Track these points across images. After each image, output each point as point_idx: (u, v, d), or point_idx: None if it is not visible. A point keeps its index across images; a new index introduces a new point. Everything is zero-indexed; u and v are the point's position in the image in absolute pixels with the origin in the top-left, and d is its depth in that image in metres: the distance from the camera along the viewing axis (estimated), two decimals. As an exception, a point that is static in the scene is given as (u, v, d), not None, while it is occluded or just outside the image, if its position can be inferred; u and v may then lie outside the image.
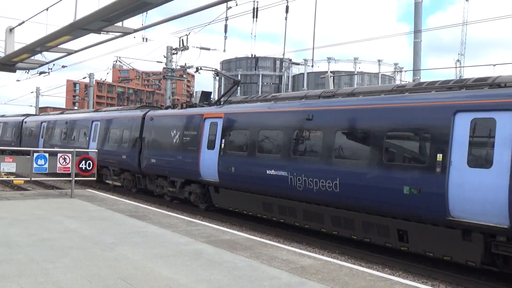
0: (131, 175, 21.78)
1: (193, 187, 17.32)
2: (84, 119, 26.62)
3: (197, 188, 17.14)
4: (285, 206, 13.61)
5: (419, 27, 22.02)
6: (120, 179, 22.71)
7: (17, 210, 12.30)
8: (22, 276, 6.56)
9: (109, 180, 24.05)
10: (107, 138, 23.31)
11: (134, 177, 21.68)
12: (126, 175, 22.14)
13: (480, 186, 8.85)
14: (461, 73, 75.48)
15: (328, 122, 12.28)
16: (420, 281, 9.64)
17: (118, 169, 22.66)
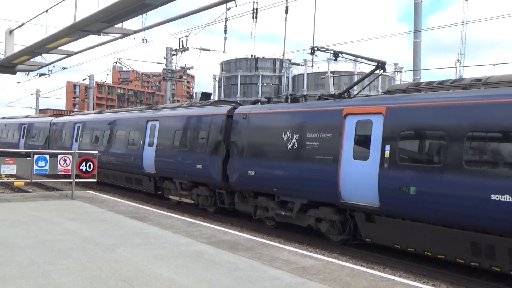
0: (209, 190, 17.19)
1: (324, 212, 12.55)
2: (135, 119, 22.04)
3: (332, 214, 12.40)
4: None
5: (419, 27, 22.04)
6: (192, 195, 17.80)
7: (18, 212, 12.30)
8: (23, 278, 6.56)
9: (174, 196, 18.81)
10: (170, 142, 18.82)
11: (213, 193, 17.08)
12: (202, 190, 17.35)
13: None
14: (460, 73, 75.49)
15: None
16: (421, 281, 9.63)
17: (188, 182, 17.93)
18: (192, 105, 20.01)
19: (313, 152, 12.61)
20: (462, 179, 9.48)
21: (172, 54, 34.77)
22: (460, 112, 9.85)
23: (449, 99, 10.28)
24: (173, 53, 34.66)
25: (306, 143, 12.83)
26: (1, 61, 16.34)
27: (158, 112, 21.05)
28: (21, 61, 16.34)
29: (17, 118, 40.32)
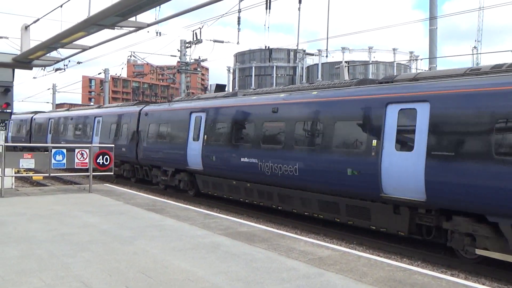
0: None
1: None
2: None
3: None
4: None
5: (435, 14, 21.72)
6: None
7: (37, 206, 12.46)
8: (43, 271, 6.65)
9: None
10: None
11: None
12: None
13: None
14: (478, 60, 74.48)
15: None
16: (439, 271, 9.57)
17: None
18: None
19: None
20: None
21: (186, 46, 34.82)
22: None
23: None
24: (187, 46, 34.70)
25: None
26: (17, 56, 16.48)
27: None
28: (37, 56, 16.45)
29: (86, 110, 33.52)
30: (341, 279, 6.64)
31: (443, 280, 6.81)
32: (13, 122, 41.55)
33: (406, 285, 6.46)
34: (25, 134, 39.29)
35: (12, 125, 41.61)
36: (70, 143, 27.89)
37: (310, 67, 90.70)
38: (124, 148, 23.55)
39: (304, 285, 6.30)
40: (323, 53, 74.92)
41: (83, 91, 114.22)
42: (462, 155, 9.63)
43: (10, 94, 16.98)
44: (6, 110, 17.11)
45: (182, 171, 19.27)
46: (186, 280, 6.39)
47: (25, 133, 39.43)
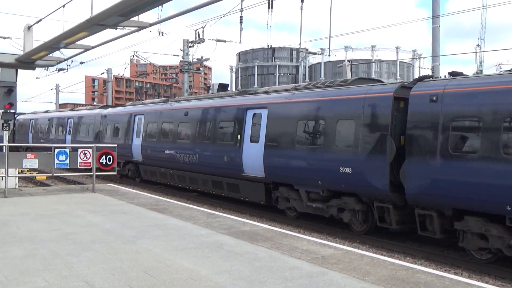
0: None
1: None
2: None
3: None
4: None
5: (438, 12, 21.67)
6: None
7: (40, 206, 12.49)
8: (47, 271, 6.67)
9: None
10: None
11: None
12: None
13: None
14: (481, 58, 74.26)
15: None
16: (442, 269, 9.56)
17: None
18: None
19: None
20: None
21: (189, 46, 34.86)
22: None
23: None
24: (190, 45, 34.74)
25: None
26: (20, 57, 16.52)
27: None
28: (40, 56, 16.49)
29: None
30: (344, 278, 6.63)
31: (446, 278, 6.80)
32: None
33: (409, 283, 6.45)
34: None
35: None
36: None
37: (313, 66, 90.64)
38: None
39: (307, 284, 6.30)
40: (326, 52, 74.89)
41: (86, 91, 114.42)
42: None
43: (13, 95, 17.03)
44: (9, 110, 17.16)
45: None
46: (189, 279, 6.39)
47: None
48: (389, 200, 11.43)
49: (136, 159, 23.07)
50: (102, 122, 27.22)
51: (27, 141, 37.86)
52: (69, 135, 31.24)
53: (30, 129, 38.90)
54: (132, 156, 23.27)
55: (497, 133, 9.37)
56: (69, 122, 31.79)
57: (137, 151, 22.77)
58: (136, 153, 22.93)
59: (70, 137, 30.90)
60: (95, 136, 27.40)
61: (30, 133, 38.63)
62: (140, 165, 23.14)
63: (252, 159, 15.58)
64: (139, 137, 22.74)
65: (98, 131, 27.39)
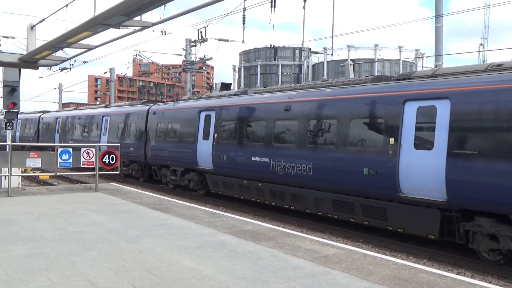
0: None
1: None
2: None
3: None
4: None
5: (441, 12, 21.62)
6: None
7: (44, 205, 12.52)
8: (50, 270, 6.69)
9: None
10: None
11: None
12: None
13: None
14: (484, 58, 74.11)
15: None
16: (445, 269, 9.55)
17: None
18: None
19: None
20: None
21: (191, 45, 34.87)
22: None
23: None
24: (192, 44, 34.75)
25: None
26: (23, 56, 16.55)
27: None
28: (43, 56, 16.51)
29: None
30: (347, 277, 6.64)
31: (449, 278, 6.80)
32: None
33: (412, 283, 6.45)
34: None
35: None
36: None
37: (316, 65, 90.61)
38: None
39: (309, 284, 6.30)
40: (329, 51, 74.81)
41: (89, 90, 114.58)
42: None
43: (16, 94, 17.07)
44: (12, 109, 17.20)
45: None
46: (192, 279, 6.41)
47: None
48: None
49: (202, 166, 18.12)
50: (150, 120, 22.41)
51: (53, 142, 32.88)
52: (105, 136, 26.86)
53: (57, 128, 34.36)
54: (196, 163, 18.41)
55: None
56: (105, 120, 27.44)
57: (205, 157, 17.81)
58: (203, 159, 18.02)
59: (106, 139, 26.41)
60: (139, 137, 23.09)
61: (56, 133, 34.20)
62: (207, 175, 18.24)
63: (419, 174, 10.67)
64: (208, 140, 17.73)
65: (143, 132, 22.78)
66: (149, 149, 21.99)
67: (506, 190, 9.10)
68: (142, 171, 23.88)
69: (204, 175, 18.60)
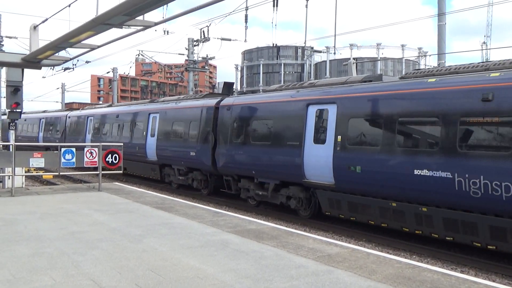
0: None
1: None
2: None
3: None
4: None
5: (443, 10, 21.57)
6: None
7: (47, 205, 12.55)
8: (54, 269, 6.70)
9: None
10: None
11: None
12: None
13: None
14: (487, 56, 73.93)
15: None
16: (449, 267, 9.55)
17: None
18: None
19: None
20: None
21: (194, 44, 34.90)
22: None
23: None
24: (195, 44, 34.79)
25: None
26: (26, 56, 16.58)
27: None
28: (46, 56, 16.53)
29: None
30: (350, 276, 6.63)
31: (453, 277, 6.78)
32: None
33: (416, 282, 6.44)
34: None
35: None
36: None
37: (318, 64, 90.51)
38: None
39: (313, 283, 6.30)
40: (331, 50, 74.65)
41: (92, 90, 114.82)
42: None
43: (19, 94, 17.11)
44: (16, 109, 17.23)
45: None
46: (195, 278, 6.41)
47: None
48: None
49: (313, 180, 13.70)
50: (221, 118, 17.91)
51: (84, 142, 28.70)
52: (153, 137, 22.04)
53: (88, 128, 29.89)
54: (302, 175, 13.93)
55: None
56: (152, 119, 22.39)
57: (320, 167, 13.32)
58: (313, 170, 13.59)
59: (155, 141, 21.77)
60: (203, 139, 18.67)
61: (87, 133, 29.88)
62: (320, 192, 13.61)
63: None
64: (325, 143, 13.27)
65: (209, 132, 18.42)
66: (220, 155, 17.56)
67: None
68: (206, 181, 19.46)
69: (313, 192, 14.15)
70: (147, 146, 22.48)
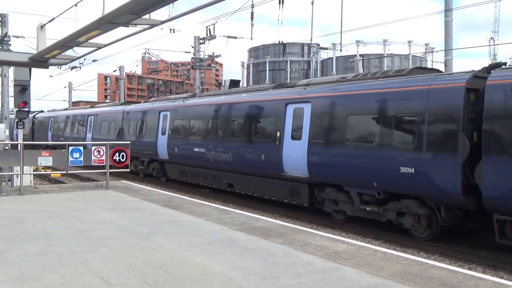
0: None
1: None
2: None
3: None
4: None
5: (450, 6, 21.46)
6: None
7: (55, 203, 12.63)
8: (63, 267, 6.76)
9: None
10: None
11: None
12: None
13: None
14: (495, 51, 73.48)
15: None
16: (456, 264, 9.53)
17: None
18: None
19: None
20: None
21: (200, 42, 34.92)
22: None
23: None
24: (201, 42, 34.81)
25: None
26: (34, 55, 16.64)
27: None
28: (53, 55, 16.57)
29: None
30: (357, 273, 6.64)
31: (460, 273, 6.78)
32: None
33: (423, 278, 6.44)
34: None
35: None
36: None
37: (325, 61, 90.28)
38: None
39: (320, 280, 6.32)
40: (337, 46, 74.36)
41: (99, 88, 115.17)
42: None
43: (27, 93, 17.18)
44: (23, 108, 17.32)
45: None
46: (202, 275, 6.44)
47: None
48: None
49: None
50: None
51: (155, 147, 22.64)
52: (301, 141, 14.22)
53: (162, 127, 22.37)
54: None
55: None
56: (293, 114, 14.69)
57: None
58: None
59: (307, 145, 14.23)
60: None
61: (161, 135, 22.34)
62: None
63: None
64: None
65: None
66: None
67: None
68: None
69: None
70: (285, 165, 14.98)
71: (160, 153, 22.42)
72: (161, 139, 22.34)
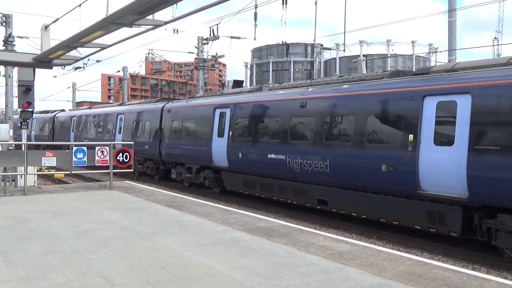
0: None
1: None
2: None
3: None
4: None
5: (454, 6, 21.41)
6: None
7: (59, 203, 12.66)
8: (66, 267, 6.78)
9: None
10: None
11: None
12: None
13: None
14: (499, 51, 73.30)
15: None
16: (460, 265, 9.51)
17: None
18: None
19: None
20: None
21: (203, 43, 34.91)
22: None
23: None
24: (204, 42, 34.79)
25: None
26: (37, 56, 16.69)
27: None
28: (57, 55, 16.61)
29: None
30: (360, 273, 6.63)
31: (464, 274, 6.76)
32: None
33: (427, 279, 6.43)
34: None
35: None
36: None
37: (328, 61, 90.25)
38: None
39: (323, 280, 6.31)
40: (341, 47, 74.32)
41: (103, 89, 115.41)
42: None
43: (31, 93, 17.23)
44: (27, 109, 17.38)
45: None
46: (206, 275, 6.45)
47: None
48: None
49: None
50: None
51: (210, 155, 18.90)
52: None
53: (218, 127, 18.67)
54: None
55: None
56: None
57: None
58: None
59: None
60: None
61: (215, 135, 18.69)
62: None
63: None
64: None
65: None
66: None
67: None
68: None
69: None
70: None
71: (215, 160, 18.33)
72: (218, 142, 18.27)
